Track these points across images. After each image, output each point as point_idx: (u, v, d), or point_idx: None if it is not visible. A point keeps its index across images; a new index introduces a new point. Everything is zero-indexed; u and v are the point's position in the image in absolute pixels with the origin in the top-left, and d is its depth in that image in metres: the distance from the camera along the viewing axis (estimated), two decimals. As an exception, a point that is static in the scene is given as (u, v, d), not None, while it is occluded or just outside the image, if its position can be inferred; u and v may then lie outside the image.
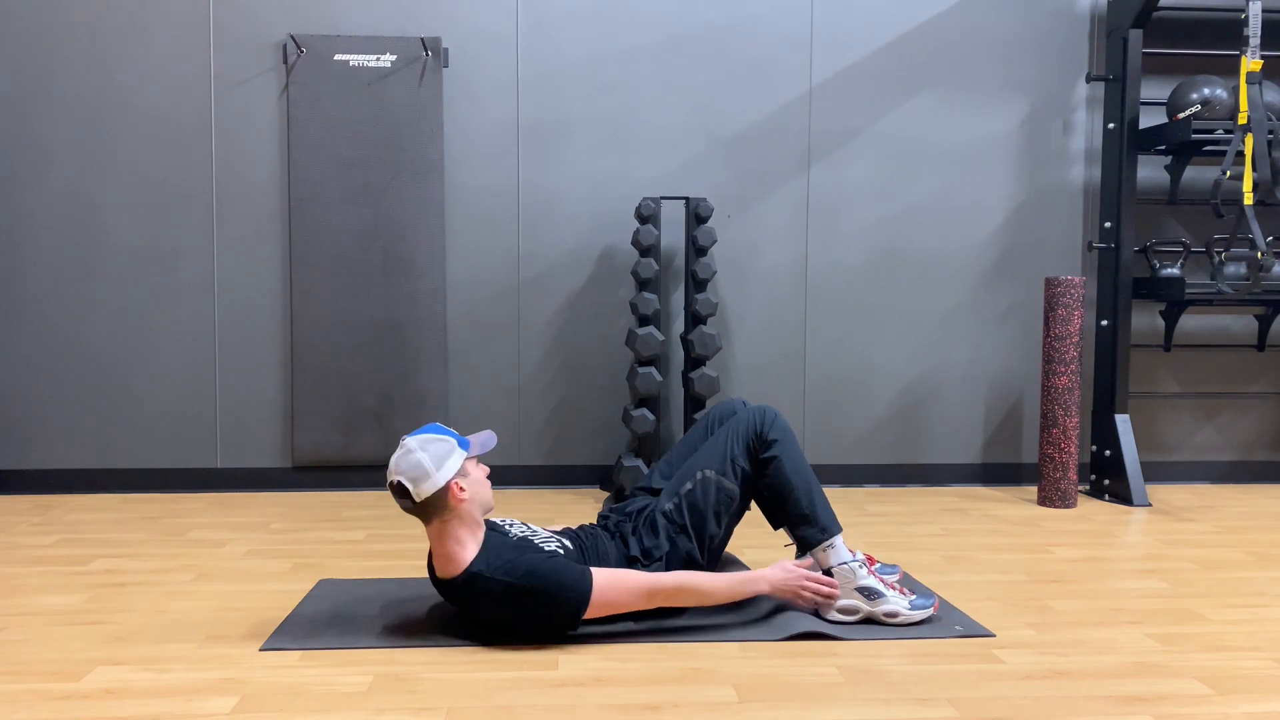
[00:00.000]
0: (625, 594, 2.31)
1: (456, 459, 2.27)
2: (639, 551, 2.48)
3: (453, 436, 2.32)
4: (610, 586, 2.29)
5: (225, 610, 2.58)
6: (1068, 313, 3.89)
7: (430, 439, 2.29)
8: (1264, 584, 2.89)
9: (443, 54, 4.13)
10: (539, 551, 2.34)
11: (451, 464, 2.26)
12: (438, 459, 2.25)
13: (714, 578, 2.40)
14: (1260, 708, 2.01)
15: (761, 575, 2.43)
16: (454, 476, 2.26)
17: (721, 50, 4.25)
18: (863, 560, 2.49)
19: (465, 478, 2.29)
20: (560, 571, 2.27)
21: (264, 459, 4.19)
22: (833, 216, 4.32)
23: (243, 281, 4.16)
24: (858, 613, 2.45)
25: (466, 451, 2.31)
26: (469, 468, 2.31)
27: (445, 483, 2.24)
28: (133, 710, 1.96)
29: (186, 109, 4.11)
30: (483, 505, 2.35)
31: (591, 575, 2.28)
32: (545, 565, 2.28)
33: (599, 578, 2.29)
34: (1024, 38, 4.33)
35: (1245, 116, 3.86)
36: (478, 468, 2.36)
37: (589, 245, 4.25)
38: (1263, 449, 4.53)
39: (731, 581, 2.40)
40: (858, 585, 2.44)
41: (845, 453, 4.37)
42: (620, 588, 2.30)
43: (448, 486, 2.25)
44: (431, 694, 2.04)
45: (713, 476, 2.50)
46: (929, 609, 2.47)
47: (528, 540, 2.39)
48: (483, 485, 2.35)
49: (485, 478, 2.37)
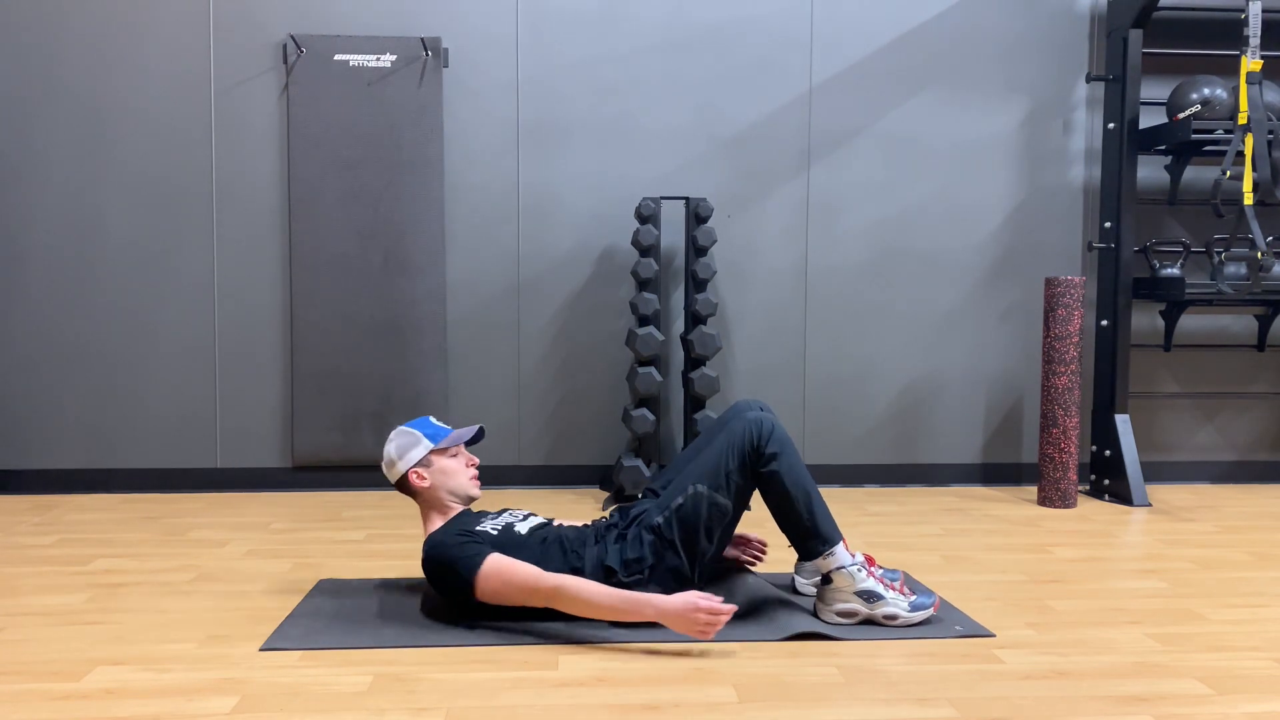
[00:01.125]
0: (508, 584, 2.37)
1: (418, 451, 2.56)
2: (618, 563, 2.45)
3: (426, 431, 2.59)
4: (496, 574, 2.36)
5: (225, 610, 2.58)
6: (1068, 313, 3.89)
7: (402, 431, 2.60)
8: (1264, 584, 2.89)
9: (443, 54, 4.13)
10: (464, 534, 2.46)
11: (412, 455, 2.56)
12: (401, 450, 2.57)
13: (599, 590, 2.34)
14: (1260, 708, 2.01)
15: (651, 600, 2.31)
16: (413, 466, 2.55)
17: (721, 50, 4.25)
18: (862, 563, 2.48)
19: (428, 468, 2.56)
20: (456, 549, 2.41)
21: (264, 459, 4.20)
22: (833, 216, 4.32)
23: (243, 281, 4.16)
24: (856, 616, 2.44)
25: (434, 445, 2.57)
26: (436, 459, 2.57)
27: (405, 470, 2.56)
28: (133, 710, 1.96)
29: (186, 109, 4.11)
30: (452, 493, 2.58)
31: (484, 559, 2.37)
32: (449, 542, 2.43)
33: (489, 564, 2.37)
34: (1024, 38, 4.33)
35: (1245, 116, 3.86)
36: (454, 459, 2.60)
37: (589, 245, 4.25)
38: (1263, 449, 4.53)
39: (620, 599, 2.33)
40: (857, 589, 2.44)
41: (845, 453, 4.37)
42: (505, 578, 2.36)
43: (407, 474, 2.56)
44: (431, 694, 2.04)
45: (705, 492, 2.46)
46: (929, 609, 2.47)
47: (472, 524, 2.51)
48: (453, 474, 2.58)
49: (465, 467, 2.61)
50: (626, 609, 2.32)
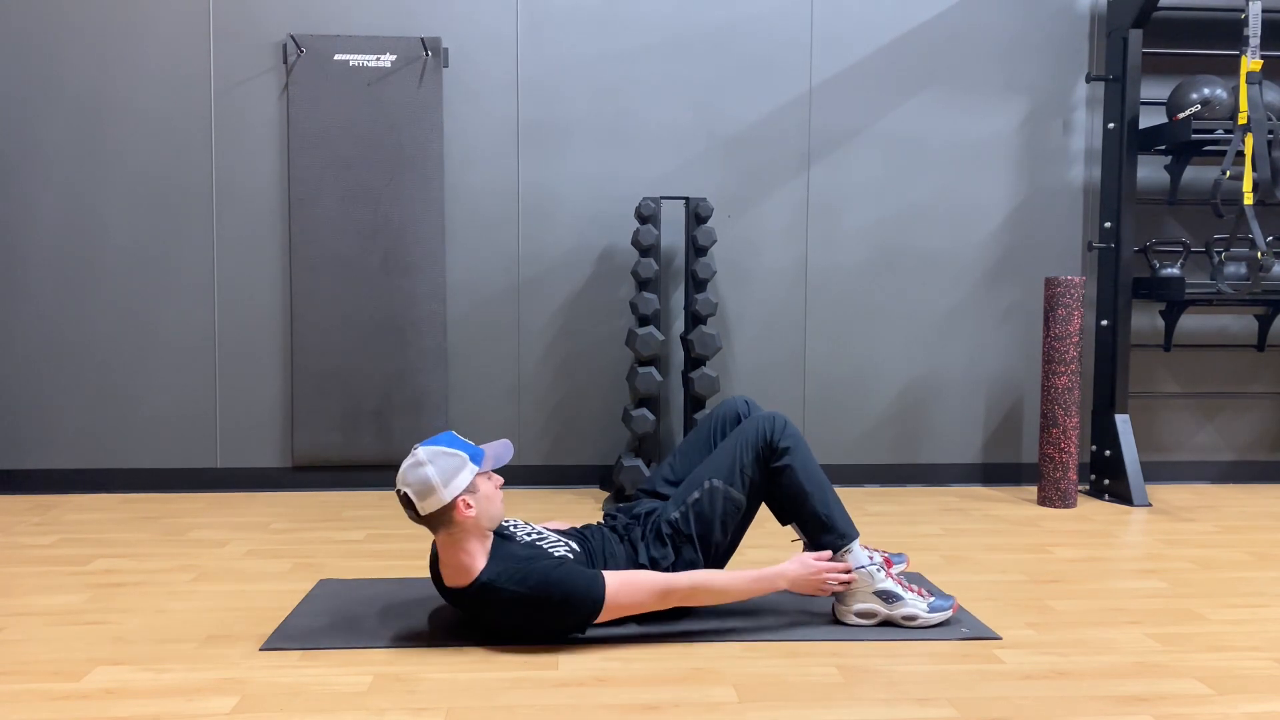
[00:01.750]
0: (639, 595, 2.29)
1: (466, 475, 2.23)
2: (647, 560, 2.46)
3: (464, 450, 2.26)
4: (623, 589, 2.26)
5: (225, 610, 2.58)
6: (1068, 313, 3.89)
7: (441, 452, 2.23)
8: (1264, 584, 2.90)
9: (443, 54, 4.13)
10: (549, 558, 2.30)
11: (459, 481, 2.21)
12: (445, 475, 2.20)
13: (730, 575, 2.38)
14: (1260, 708, 2.01)
15: (780, 572, 2.39)
16: (461, 494, 2.21)
17: (721, 50, 4.25)
18: (880, 563, 2.47)
19: (474, 494, 2.24)
20: (573, 577, 2.25)
21: (264, 459, 4.19)
22: (833, 216, 4.32)
23: (243, 281, 4.16)
24: (875, 616, 2.44)
25: (479, 467, 2.26)
26: (479, 482, 2.26)
27: (451, 499, 2.20)
28: (133, 710, 1.96)
29: (186, 109, 4.11)
30: (491, 519, 2.30)
31: (604, 579, 2.25)
32: (557, 573, 2.25)
33: (612, 581, 2.26)
34: (1024, 38, 4.33)
35: (1245, 116, 3.86)
36: (489, 480, 2.31)
37: (589, 245, 4.25)
38: (1263, 449, 4.53)
39: (748, 579, 2.37)
40: (876, 589, 2.43)
41: (845, 452, 4.37)
42: (634, 590, 2.28)
43: (454, 503, 2.21)
44: (431, 694, 2.04)
45: (720, 486, 2.47)
46: (948, 611, 2.46)
47: (536, 545, 2.36)
48: (492, 499, 2.29)
49: (497, 489, 2.33)
50: (761, 588, 2.40)
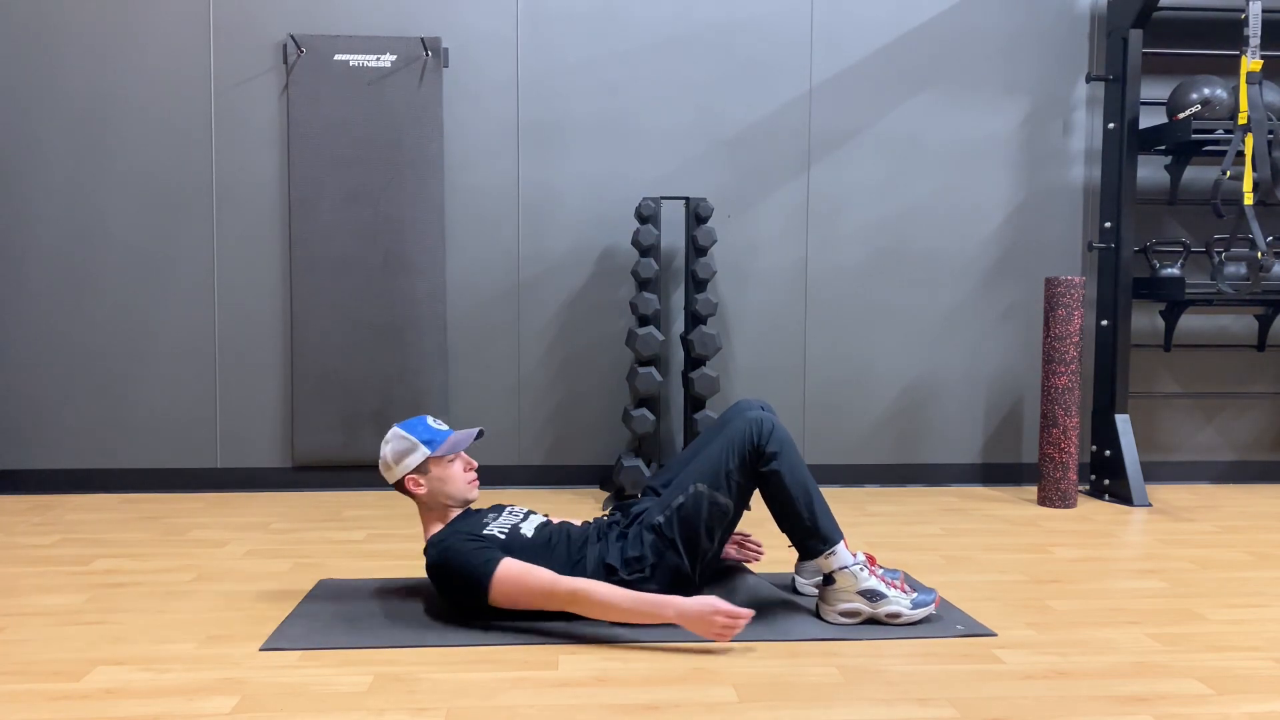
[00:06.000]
0: (523, 590, 2.35)
1: (414, 458, 2.51)
2: (619, 561, 2.45)
3: (422, 436, 2.52)
4: (511, 580, 2.35)
5: (225, 610, 2.58)
6: (1068, 313, 3.89)
7: (400, 436, 2.53)
8: (1264, 584, 2.89)
9: (443, 54, 4.13)
10: (472, 537, 2.42)
11: (408, 462, 2.51)
12: (396, 456, 2.52)
13: (617, 593, 2.34)
14: (1260, 708, 2.01)
15: (669, 601, 2.32)
16: (409, 473, 2.52)
17: (721, 50, 4.25)
18: (864, 563, 2.48)
19: (424, 474, 2.52)
20: (468, 554, 2.38)
21: (264, 459, 4.20)
22: (833, 216, 4.32)
23: (243, 282, 4.16)
24: (859, 615, 2.45)
25: (430, 452, 2.51)
26: (433, 466, 2.52)
27: (401, 477, 2.52)
28: (133, 710, 1.96)
29: (186, 109, 4.11)
30: (451, 497, 2.53)
31: (497, 564, 2.35)
32: (459, 547, 2.39)
33: (504, 569, 2.35)
34: (1024, 38, 4.33)
35: (1245, 116, 3.86)
36: (452, 464, 2.54)
37: (589, 245, 4.25)
38: (1263, 449, 4.54)
39: (631, 598, 2.33)
40: (860, 589, 2.44)
41: (845, 453, 4.37)
42: (521, 582, 2.35)
43: (403, 480, 2.53)
44: (431, 694, 2.04)
45: (705, 490, 2.45)
46: (930, 605, 2.47)
47: (477, 526, 2.48)
48: (450, 480, 2.53)
49: (464, 471, 2.56)
50: (646, 611, 2.32)
